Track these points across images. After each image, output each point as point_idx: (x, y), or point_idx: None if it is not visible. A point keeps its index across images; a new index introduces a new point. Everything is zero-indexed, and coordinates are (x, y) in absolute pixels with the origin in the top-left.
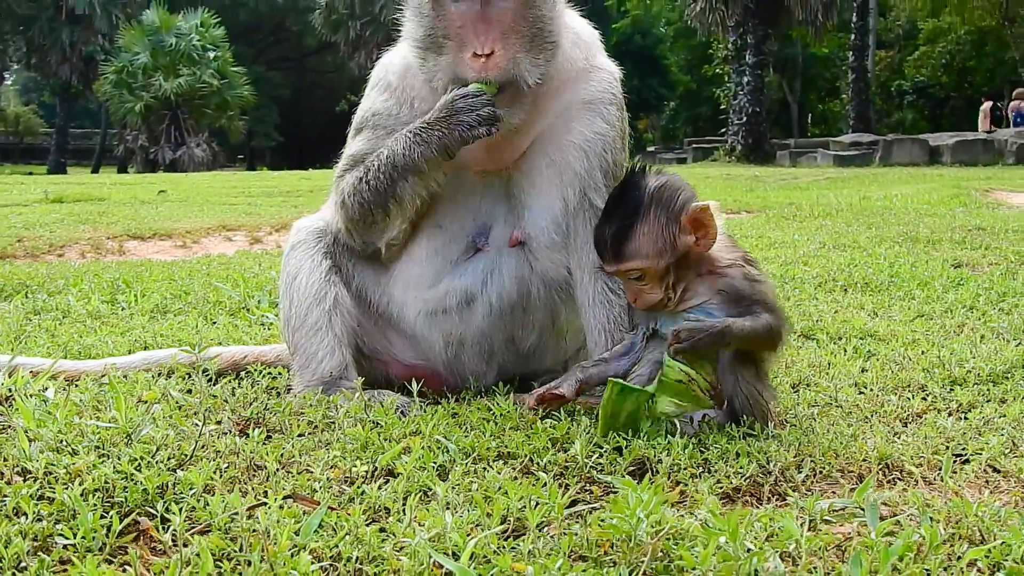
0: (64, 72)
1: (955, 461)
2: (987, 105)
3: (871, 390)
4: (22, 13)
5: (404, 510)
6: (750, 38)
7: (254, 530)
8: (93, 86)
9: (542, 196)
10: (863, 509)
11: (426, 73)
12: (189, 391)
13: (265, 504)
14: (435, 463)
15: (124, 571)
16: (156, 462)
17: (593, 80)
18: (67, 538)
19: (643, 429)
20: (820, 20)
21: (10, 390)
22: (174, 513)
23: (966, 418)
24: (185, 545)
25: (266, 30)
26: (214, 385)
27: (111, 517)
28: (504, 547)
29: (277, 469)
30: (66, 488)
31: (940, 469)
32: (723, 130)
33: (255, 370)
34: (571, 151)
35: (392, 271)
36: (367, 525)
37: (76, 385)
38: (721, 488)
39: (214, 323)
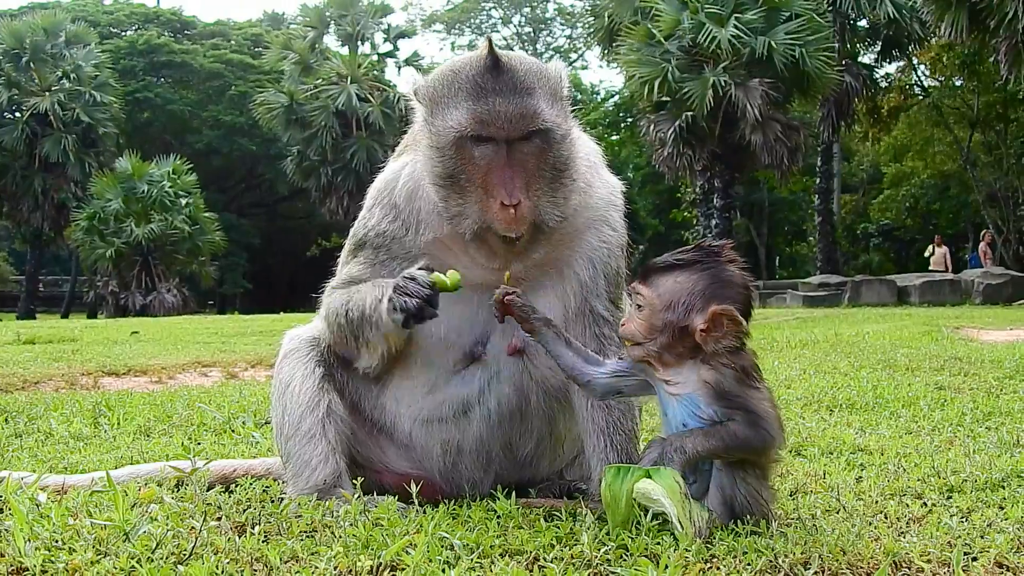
0: (36, 219)
1: (964, 558)
2: (945, 249)
3: (869, 496)
4: None
5: None
6: (717, 182)
7: None
8: (64, 233)
9: (544, 304)
10: None
11: (450, 216)
12: (181, 499)
13: None
14: (440, 558)
15: None
16: (156, 558)
17: (601, 196)
18: None
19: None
20: (786, 164)
21: (0, 496)
22: None
23: (968, 520)
24: None
25: (238, 177)
26: (206, 493)
27: None
28: None
29: (280, 564)
30: None
31: (949, 566)
32: None
33: (245, 483)
34: (578, 260)
35: (386, 380)
36: None
37: (66, 494)
38: None
39: (199, 443)
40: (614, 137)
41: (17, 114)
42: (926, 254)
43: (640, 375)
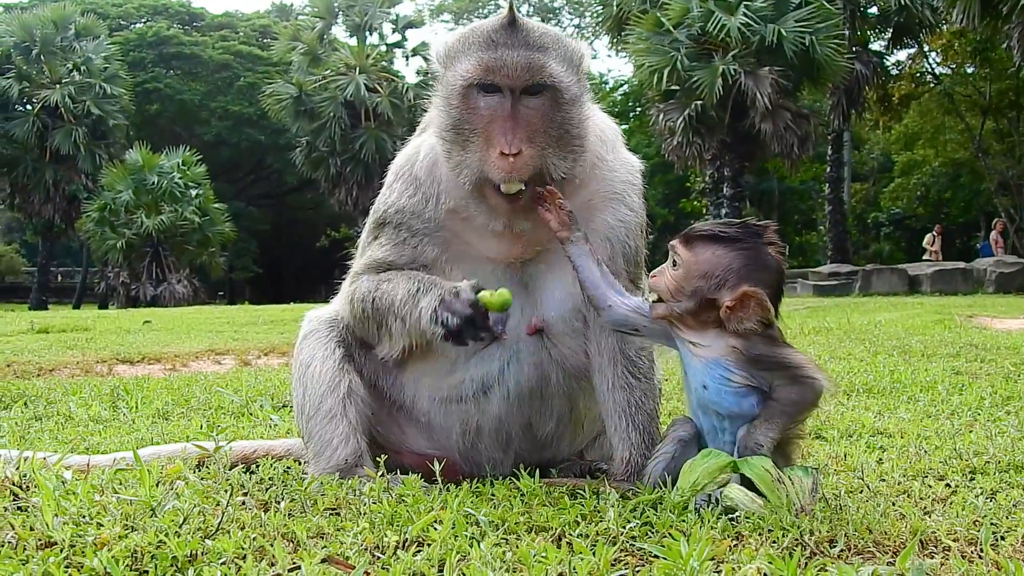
0: (47, 211)
1: (991, 536)
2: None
3: (892, 477)
4: (7, 154)
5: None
6: (727, 171)
7: None
8: (76, 224)
9: (562, 283)
10: None
11: (452, 166)
12: (202, 479)
13: (299, 568)
14: (466, 534)
15: None
16: (183, 533)
17: (616, 172)
18: None
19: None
20: (796, 153)
21: (25, 475)
22: None
23: (994, 500)
24: None
25: (247, 167)
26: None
27: None
28: None
29: (306, 540)
30: (95, 554)
31: (976, 544)
32: None
33: (266, 463)
34: (594, 238)
35: (405, 360)
36: None
37: (90, 473)
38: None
39: (218, 426)
40: (623, 127)
41: (28, 107)
42: (925, 243)
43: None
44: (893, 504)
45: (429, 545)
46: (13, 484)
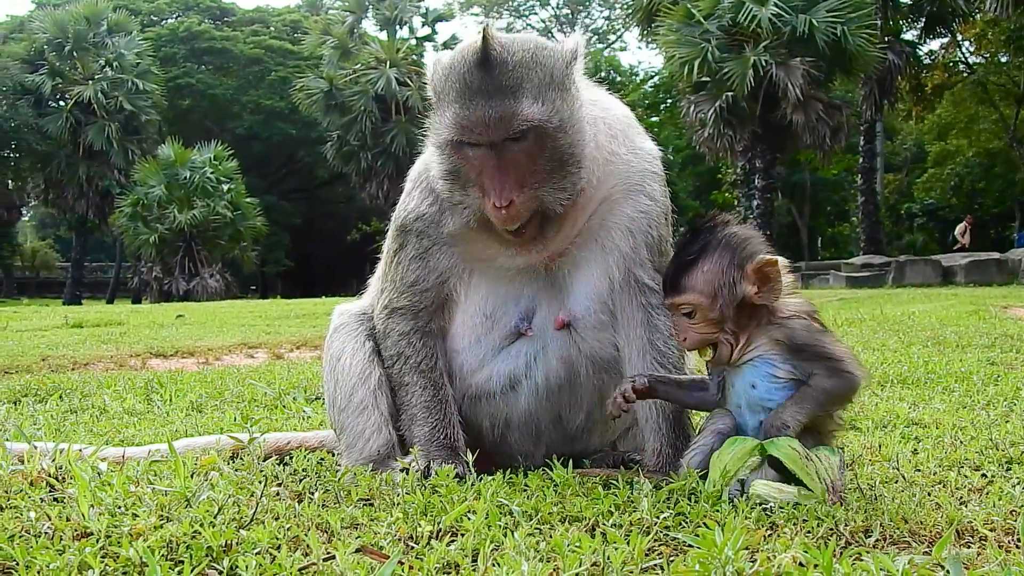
0: (81, 207)
1: None
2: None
3: (927, 467)
4: (41, 150)
5: (475, 565)
6: (758, 162)
7: None
8: (109, 220)
9: (587, 277)
10: (942, 566)
11: (454, 205)
12: (236, 470)
13: (334, 558)
14: (500, 524)
15: None
16: (218, 523)
17: (632, 164)
18: None
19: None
20: (828, 144)
21: (61, 467)
22: (241, 570)
23: None
24: None
25: (278, 162)
26: (262, 463)
27: (182, 569)
28: None
29: (340, 530)
30: (131, 545)
31: (1014, 534)
32: None
33: (300, 455)
34: (616, 232)
35: None
36: None
37: (124, 465)
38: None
39: (251, 418)
40: (654, 119)
41: (61, 103)
42: (957, 233)
43: None
44: (929, 494)
45: (463, 535)
46: (50, 476)
